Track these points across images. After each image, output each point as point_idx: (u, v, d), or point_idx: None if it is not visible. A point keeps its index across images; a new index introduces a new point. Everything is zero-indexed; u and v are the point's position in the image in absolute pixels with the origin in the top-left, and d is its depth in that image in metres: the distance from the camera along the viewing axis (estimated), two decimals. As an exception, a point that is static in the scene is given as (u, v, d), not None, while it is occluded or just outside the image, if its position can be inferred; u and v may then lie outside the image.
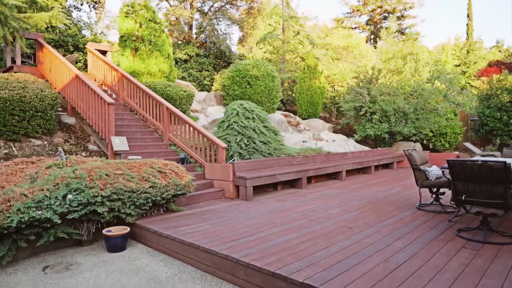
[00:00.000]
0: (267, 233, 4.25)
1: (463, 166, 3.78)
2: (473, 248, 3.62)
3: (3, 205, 3.87)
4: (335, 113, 17.35)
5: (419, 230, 4.30)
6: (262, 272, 3.15)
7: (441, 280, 2.84)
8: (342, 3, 34.93)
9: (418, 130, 12.40)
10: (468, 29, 33.40)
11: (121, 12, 10.92)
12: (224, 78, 12.66)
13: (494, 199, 3.70)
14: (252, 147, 7.39)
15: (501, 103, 15.65)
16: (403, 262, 3.25)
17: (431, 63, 16.30)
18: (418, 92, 12.76)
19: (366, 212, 5.35)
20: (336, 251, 3.57)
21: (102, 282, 3.53)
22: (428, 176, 5.33)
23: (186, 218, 5.00)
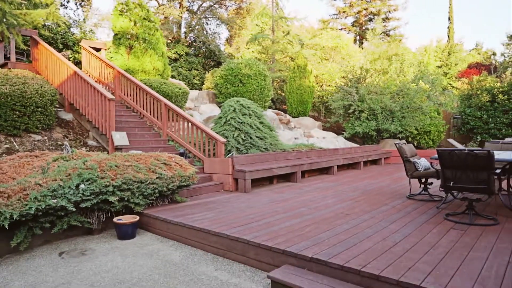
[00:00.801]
0: (271, 219, 4.53)
1: (451, 155, 4.15)
2: (461, 229, 3.99)
3: (19, 193, 4.02)
4: (324, 112, 17.77)
5: (411, 216, 4.66)
6: (272, 250, 3.42)
7: (434, 254, 3.18)
8: (329, 4, 35.48)
9: (404, 128, 12.91)
10: (449, 32, 34.40)
11: (115, 10, 11.01)
12: (217, 77, 12.88)
13: (479, 185, 4.08)
14: (249, 142, 7.67)
15: (481, 102, 16.38)
16: (399, 241, 3.58)
17: (415, 64, 16.90)
18: (404, 91, 13.28)
19: (361, 201, 5.69)
20: (338, 232, 3.88)
21: (120, 264, 3.74)
22: (418, 167, 5.71)
23: (191, 208, 5.23)
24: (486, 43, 51.13)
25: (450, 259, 3.05)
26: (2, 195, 3.93)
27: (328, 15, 34.12)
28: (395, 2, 30.97)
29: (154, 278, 3.38)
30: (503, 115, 15.64)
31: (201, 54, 22.37)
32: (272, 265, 3.40)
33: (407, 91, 13.26)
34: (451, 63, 31.45)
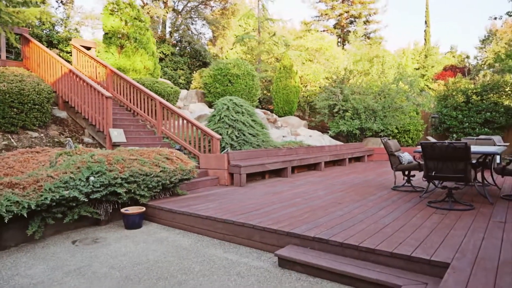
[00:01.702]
0: (270, 208, 4.89)
1: (433, 147, 4.62)
2: (442, 213, 4.46)
3: (33, 185, 4.23)
4: (308, 111, 18.28)
5: (397, 204, 5.11)
6: (277, 233, 3.78)
7: (420, 233, 3.61)
8: (312, 7, 36.18)
9: (386, 127, 13.53)
10: (426, 35, 35.64)
11: (106, 9, 11.12)
12: (206, 76, 13.13)
13: (458, 174, 4.57)
14: (243, 139, 8.00)
15: (456, 103, 17.25)
16: (388, 223, 4.01)
17: (395, 66, 17.64)
18: (385, 92, 13.91)
19: (350, 192, 6.13)
20: (334, 217, 4.27)
21: (133, 249, 4.01)
22: (401, 161, 6.20)
23: (193, 200, 5.52)
24: (460, 46, 53.19)
25: (434, 236, 3.48)
26: (18, 186, 4.12)
27: (311, 17, 34.88)
28: (375, 6, 31.96)
29: (169, 259, 3.67)
30: (476, 114, 16.53)
31: (186, 54, 22.49)
32: (276, 246, 3.76)
33: (388, 92, 13.90)
34: (428, 65, 32.65)
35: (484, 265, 2.70)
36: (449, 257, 2.88)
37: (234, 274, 3.27)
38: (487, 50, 32.89)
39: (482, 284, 2.37)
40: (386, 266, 3.03)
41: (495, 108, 16.22)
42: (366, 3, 31.86)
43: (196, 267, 3.46)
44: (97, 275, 3.30)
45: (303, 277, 3.17)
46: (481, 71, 29.36)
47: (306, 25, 31.95)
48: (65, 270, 3.43)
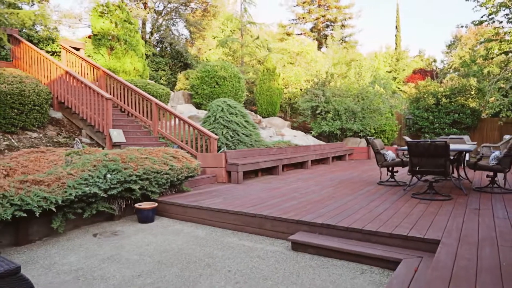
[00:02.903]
0: (274, 201, 5.36)
1: (417, 145, 5.25)
2: (425, 203, 5.09)
3: (57, 182, 4.49)
4: (290, 112, 18.90)
5: (385, 196, 5.72)
6: (287, 221, 4.26)
7: (411, 218, 4.19)
8: (289, 10, 36.98)
9: (365, 127, 14.34)
10: (396, 40, 37.21)
11: (94, 11, 11.23)
12: (193, 78, 13.43)
13: (438, 168, 5.22)
14: (237, 138, 8.43)
15: (427, 105, 18.42)
16: (381, 212, 4.58)
17: (371, 69, 18.58)
18: (363, 94, 14.73)
19: (340, 188, 6.70)
20: (333, 208, 4.80)
21: (154, 240, 4.37)
22: (386, 158, 6.84)
23: (199, 196, 5.91)
24: (428, 50, 55.87)
25: (423, 221, 4.07)
26: (43, 183, 4.38)
27: (288, 20, 35.61)
28: (350, 11, 33.09)
29: (191, 247, 4.07)
30: (446, 116, 17.74)
31: (167, 55, 22.59)
32: (286, 233, 4.23)
33: (366, 94, 14.72)
34: (399, 69, 34.18)
35: (467, 240, 3.30)
36: (438, 235, 3.46)
37: (255, 257, 3.72)
38: (453, 55, 34.84)
39: (467, 253, 2.95)
40: (386, 245, 3.57)
41: (462, 110, 17.46)
42: (342, 8, 32.97)
43: (218, 253, 3.88)
44: (131, 261, 3.65)
45: (315, 258, 3.66)
46: (448, 74, 31.17)
47: (283, 28, 32.65)
48: (99, 258, 3.75)
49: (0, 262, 2.28)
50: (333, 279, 3.13)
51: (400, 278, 2.82)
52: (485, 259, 2.81)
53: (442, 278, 2.46)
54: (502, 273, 2.53)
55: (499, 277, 2.47)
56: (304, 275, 3.23)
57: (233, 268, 3.42)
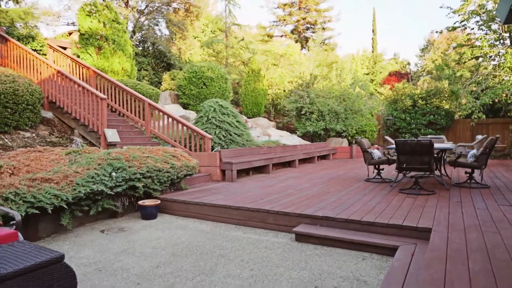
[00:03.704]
0: (272, 197, 5.64)
1: (404, 144, 5.67)
2: (412, 197, 5.50)
3: (64, 180, 4.60)
4: (273, 113, 19.26)
5: (374, 191, 6.11)
6: (289, 215, 4.55)
7: (402, 210, 4.58)
8: (270, 12, 37.47)
9: (347, 128, 14.86)
10: (373, 43, 38.31)
11: (82, 10, 11.16)
12: (180, 79, 13.54)
13: (424, 165, 5.66)
14: (229, 138, 8.66)
15: (405, 106, 19.21)
16: (375, 205, 4.94)
17: (352, 71, 19.22)
18: (345, 95, 15.27)
19: (331, 184, 7.06)
20: (330, 203, 5.13)
21: (163, 235, 4.56)
22: (373, 156, 7.26)
23: (198, 193, 6.11)
24: (402, 54, 57.77)
25: (413, 212, 4.46)
26: (52, 181, 4.48)
27: (269, 22, 36.12)
28: (329, 14, 33.91)
29: (200, 240, 4.29)
30: (422, 117, 18.56)
31: (150, 54, 22.47)
32: (288, 226, 4.52)
33: (348, 96, 15.27)
34: (376, 71, 35.27)
35: (455, 228, 3.69)
36: (429, 224, 3.84)
37: (263, 248, 3.98)
38: (426, 58, 36.27)
39: (457, 238, 3.33)
40: (383, 234, 3.92)
41: (437, 111, 18.34)
42: (321, 11, 33.72)
43: (227, 245, 4.12)
44: (145, 254, 3.84)
45: (318, 247, 3.97)
46: (421, 77, 32.49)
47: (263, 29, 33.05)
48: (113, 252, 3.92)
49: (44, 251, 2.45)
50: (339, 265, 3.44)
51: (401, 261, 3.16)
52: (472, 243, 3.19)
53: (439, 258, 2.81)
54: (488, 253, 2.91)
55: (487, 256, 2.84)
56: (311, 262, 3.52)
57: (245, 258, 3.67)
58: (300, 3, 33.25)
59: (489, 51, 15.32)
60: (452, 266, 2.64)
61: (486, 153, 6.10)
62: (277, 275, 3.23)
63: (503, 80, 15.03)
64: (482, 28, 15.92)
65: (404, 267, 3.02)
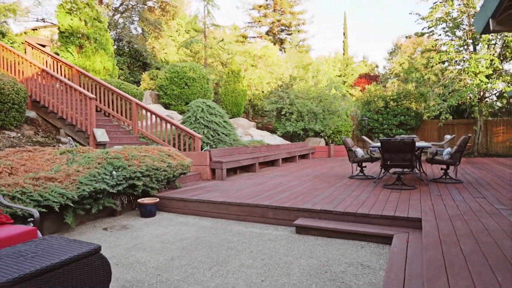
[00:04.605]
0: (267, 194, 5.90)
1: (389, 142, 6.11)
2: (397, 192, 5.94)
3: (67, 179, 4.64)
4: (252, 113, 19.54)
5: (361, 187, 6.52)
6: (288, 209, 4.83)
7: (391, 203, 4.97)
8: (245, 13, 37.77)
9: (325, 128, 15.39)
10: (344, 46, 39.42)
11: (61, 8, 10.94)
12: (161, 78, 13.52)
13: (406, 162, 6.11)
14: (217, 138, 8.83)
15: (377, 107, 20.07)
16: (365, 199, 5.32)
17: (327, 73, 19.84)
18: (322, 97, 15.80)
19: (318, 182, 7.42)
20: (323, 198, 5.46)
21: (167, 231, 4.70)
22: (357, 155, 7.69)
23: (193, 191, 6.27)
24: (371, 57, 59.82)
25: (401, 205, 4.87)
26: (55, 180, 4.52)
27: (244, 23, 36.39)
28: (303, 17, 34.65)
29: (205, 235, 4.48)
30: (393, 118, 19.47)
31: (125, 53, 22.13)
32: (287, 220, 4.80)
33: (325, 97, 15.82)
34: (348, 73, 36.39)
35: (442, 217, 4.10)
36: (418, 215, 4.23)
37: (267, 240, 4.24)
38: (394, 62, 37.84)
39: (445, 226, 3.73)
40: (378, 225, 4.28)
41: (407, 112, 19.31)
42: (296, 14, 34.40)
43: (233, 238, 4.34)
44: (156, 248, 3.99)
45: (319, 238, 4.27)
46: (389, 79, 33.92)
47: (237, 30, 33.29)
48: (123, 248, 4.03)
49: (81, 244, 2.58)
50: (341, 253, 3.75)
51: (398, 247, 3.51)
52: (459, 229, 3.60)
53: (435, 243, 3.18)
54: (475, 237, 3.31)
55: (474, 239, 3.24)
56: (316, 251, 3.81)
57: (254, 249, 3.91)
58: (275, 5, 33.77)
59: (455, 56, 16.34)
60: (447, 249, 3.01)
61: (460, 150, 6.66)
62: (287, 263, 3.49)
63: (468, 83, 16.11)
64: (448, 34, 16.96)
65: (402, 252, 3.37)
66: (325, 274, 3.20)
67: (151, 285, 3.05)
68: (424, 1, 37.89)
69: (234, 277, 3.18)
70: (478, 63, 15.42)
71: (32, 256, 2.33)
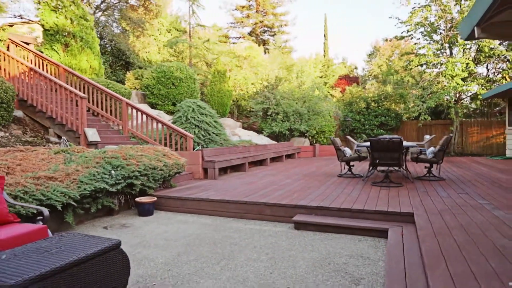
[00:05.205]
0: (262, 192, 6.06)
1: (378, 142, 6.39)
2: (386, 189, 6.22)
3: (67, 178, 4.65)
4: (237, 113, 19.66)
5: (351, 185, 6.77)
6: (285, 206, 5.00)
7: (382, 200, 5.23)
8: (228, 14, 37.81)
9: (310, 128, 15.70)
10: (325, 47, 40.10)
11: (46, 5, 10.73)
12: (148, 78, 13.46)
13: (394, 161, 6.41)
14: (208, 138, 8.92)
15: (359, 108, 20.59)
16: (357, 196, 5.56)
17: (312, 75, 20.20)
18: (306, 97, 16.11)
19: (309, 180, 7.63)
20: (318, 195, 5.67)
21: (167, 229, 4.78)
22: (345, 154, 7.96)
23: (189, 190, 6.35)
24: (350, 58, 61.05)
25: (392, 201, 5.13)
26: (56, 179, 4.52)
27: (226, 23, 36.45)
28: (285, 18, 35.06)
29: (206, 232, 4.59)
30: (374, 118, 20.02)
31: (107, 52, 21.80)
32: (285, 217, 4.98)
33: (310, 98, 16.14)
34: (329, 74, 37.04)
35: (431, 211, 4.38)
36: (410, 210, 4.50)
37: (268, 236, 4.39)
38: (373, 64, 38.82)
39: (436, 220, 4.00)
40: (372, 220, 4.52)
41: (388, 113, 19.89)
42: (278, 15, 34.77)
43: (234, 235, 4.47)
44: (160, 245, 4.07)
45: (317, 233, 4.46)
46: (368, 81, 34.81)
47: (218, 30, 33.32)
48: (128, 245, 4.10)
49: (100, 239, 2.67)
50: (341, 246, 3.95)
51: (395, 239, 3.75)
52: (449, 222, 3.87)
53: (430, 234, 3.42)
54: (465, 229, 3.58)
55: (464, 231, 3.51)
56: (317, 245, 4.00)
57: (257, 245, 4.06)
58: (258, 6, 34.01)
59: (433, 59, 16.99)
60: (442, 239, 3.25)
61: (443, 149, 7.03)
62: (291, 256, 3.66)
63: (445, 86, 16.79)
64: (426, 39, 17.63)
65: (399, 244, 3.60)
66: (329, 266, 3.38)
67: (164, 279, 3.15)
68: (404, 6, 39.03)
69: (243, 270, 3.32)
70: (454, 66, 16.11)
71: (57, 251, 2.40)
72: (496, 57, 17.16)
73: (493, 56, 16.97)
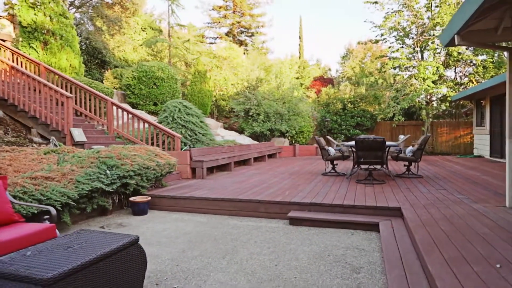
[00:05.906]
0: (254, 190, 6.23)
1: (362, 141, 6.71)
2: (370, 186, 6.56)
3: (64, 178, 4.64)
4: (217, 114, 19.72)
5: (337, 183, 7.07)
6: (280, 203, 5.21)
7: (370, 196, 5.53)
8: (205, 13, 37.69)
9: (290, 128, 16.02)
10: (300, 49, 40.74)
11: (24, 1, 10.43)
12: (129, 78, 13.31)
13: (377, 159, 6.76)
14: (195, 138, 8.99)
15: (336, 109, 21.18)
16: (346, 192, 5.85)
17: (290, 76, 20.57)
18: (286, 98, 16.43)
19: (296, 178, 7.88)
20: (308, 192, 5.91)
21: (166, 227, 4.87)
22: (329, 153, 8.27)
23: (181, 189, 6.43)
24: (324, 60, 62.28)
25: (379, 197, 5.45)
26: (52, 179, 4.51)
27: (203, 23, 36.34)
28: (262, 19, 35.34)
29: (205, 229, 4.72)
30: (351, 119, 20.66)
31: (82, 50, 21.25)
32: (279, 213, 5.18)
33: (289, 98, 16.47)
34: (304, 76, 37.69)
35: (417, 205, 4.71)
36: (397, 205, 4.81)
37: (265, 231, 4.58)
38: (346, 66, 39.85)
39: (423, 213, 4.32)
40: (362, 214, 4.80)
41: (363, 114, 20.58)
42: (255, 16, 34.99)
43: (233, 231, 4.62)
44: (163, 243, 4.17)
45: (312, 228, 4.69)
46: (342, 82, 35.75)
47: (194, 30, 33.18)
48: (130, 243, 4.15)
49: (120, 235, 2.75)
50: (336, 239, 4.20)
51: (387, 232, 4.03)
52: (435, 215, 4.20)
53: (420, 226, 3.72)
54: (450, 221, 3.91)
55: (449, 222, 3.84)
56: (314, 239, 4.23)
57: (257, 240, 4.23)
58: (235, 7, 34.09)
59: (406, 62, 17.76)
60: (431, 230, 3.55)
61: (421, 148, 7.46)
62: (292, 250, 3.86)
63: (417, 88, 17.60)
64: (399, 42, 18.40)
65: (391, 235, 3.89)
66: (328, 257, 3.61)
67: (175, 273, 3.27)
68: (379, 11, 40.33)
69: (249, 263, 3.49)
70: (426, 70, 16.93)
71: (80, 248, 2.48)
72: (463, 61, 18.17)
73: (461, 60, 17.97)
